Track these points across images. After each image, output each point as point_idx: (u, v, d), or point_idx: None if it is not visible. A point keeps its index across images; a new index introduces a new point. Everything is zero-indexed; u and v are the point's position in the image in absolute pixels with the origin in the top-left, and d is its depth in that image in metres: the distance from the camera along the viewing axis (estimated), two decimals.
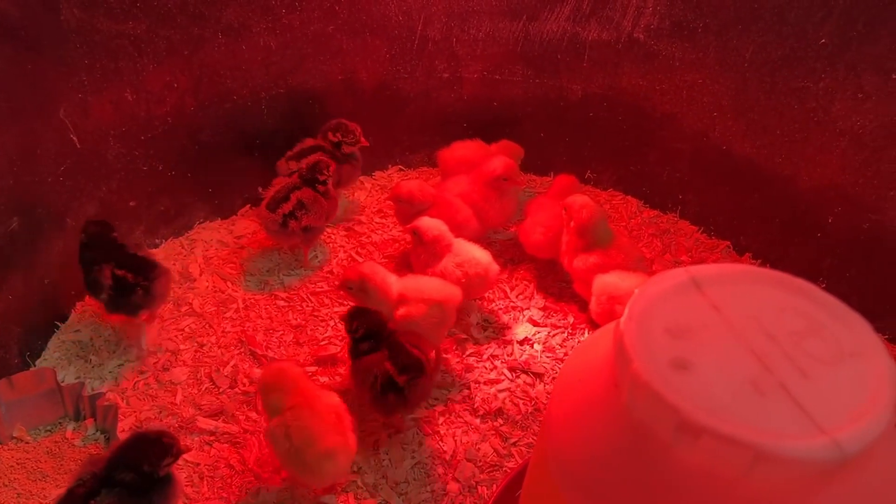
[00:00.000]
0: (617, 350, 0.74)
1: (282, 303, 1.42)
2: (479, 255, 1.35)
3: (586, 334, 1.37)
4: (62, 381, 1.15)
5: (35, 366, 1.26)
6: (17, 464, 1.09)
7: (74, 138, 1.28)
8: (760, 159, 1.51)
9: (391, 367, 1.12)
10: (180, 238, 1.55)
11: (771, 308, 0.77)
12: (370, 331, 1.15)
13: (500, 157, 1.48)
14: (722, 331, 0.75)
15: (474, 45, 1.64)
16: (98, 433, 1.15)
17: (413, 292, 1.24)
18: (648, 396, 0.68)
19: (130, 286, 1.22)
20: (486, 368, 1.31)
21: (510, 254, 1.56)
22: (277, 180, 1.48)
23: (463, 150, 1.61)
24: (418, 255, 1.37)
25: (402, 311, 1.23)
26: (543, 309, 1.43)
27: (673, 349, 0.73)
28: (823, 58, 1.36)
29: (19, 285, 1.22)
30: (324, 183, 1.45)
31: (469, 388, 1.27)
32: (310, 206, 1.43)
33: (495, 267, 1.36)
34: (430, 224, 1.35)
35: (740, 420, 0.66)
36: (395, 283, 1.26)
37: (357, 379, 1.16)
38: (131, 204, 1.43)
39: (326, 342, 1.35)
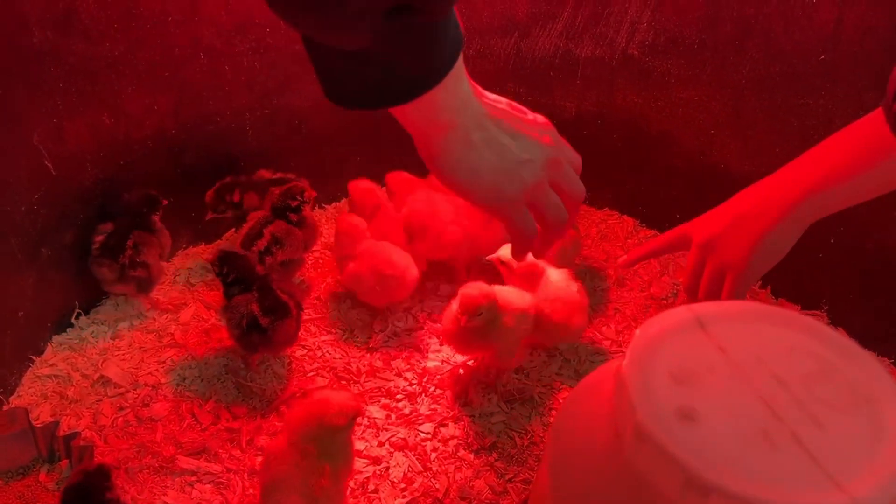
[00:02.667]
0: (618, 397, 0.70)
1: None
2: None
3: (583, 364, 1.33)
4: (36, 420, 1.10)
5: (9, 403, 1.21)
6: None
7: (49, 165, 1.23)
8: (759, 178, 1.47)
9: (256, 309, 1.19)
10: (162, 263, 1.49)
11: (779, 349, 0.73)
12: (240, 277, 1.23)
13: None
14: (729, 375, 0.71)
15: (465, 62, 1.60)
16: None
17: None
18: (653, 450, 0.64)
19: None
20: (480, 399, 1.26)
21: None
22: (252, 214, 1.43)
23: None
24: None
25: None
26: None
27: (678, 397, 0.68)
28: (823, 74, 1.32)
29: None
30: (297, 210, 1.40)
31: (462, 421, 1.22)
32: (284, 239, 1.37)
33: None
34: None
35: (752, 476, 0.61)
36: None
37: (226, 317, 1.22)
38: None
39: (314, 373, 1.30)
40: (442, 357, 1.33)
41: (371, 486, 1.12)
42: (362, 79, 0.78)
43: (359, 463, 1.14)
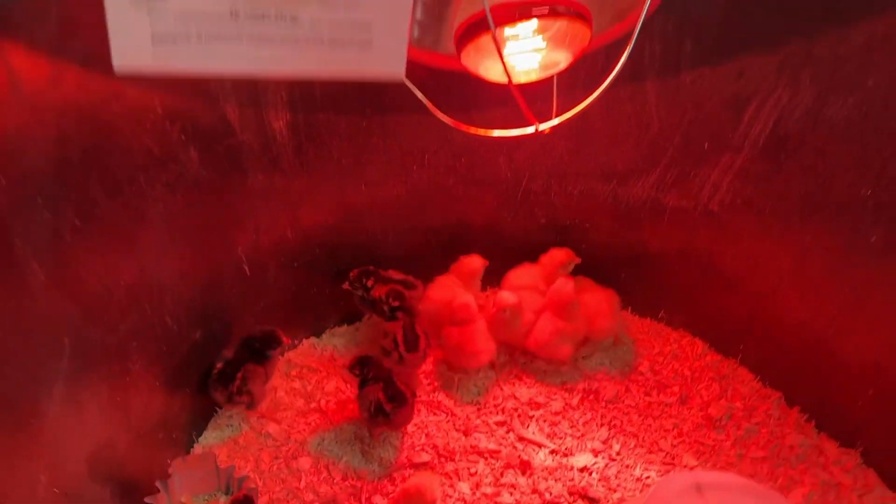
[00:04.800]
0: None
1: None
2: None
3: (637, 469, 1.61)
4: (219, 463, 1.51)
5: (198, 442, 1.63)
6: None
7: (246, 268, 1.66)
8: (814, 325, 1.71)
9: (382, 396, 1.55)
10: (314, 339, 1.90)
11: None
12: (376, 374, 1.60)
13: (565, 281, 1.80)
14: None
15: (569, 198, 1.93)
16: None
17: None
18: None
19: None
20: (549, 489, 1.57)
21: (585, 383, 1.82)
22: (389, 325, 1.75)
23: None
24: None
25: None
26: (605, 441, 1.68)
27: None
28: (875, 253, 1.55)
29: (194, 382, 1.60)
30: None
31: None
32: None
33: None
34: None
35: None
36: None
37: (360, 403, 1.61)
38: (279, 314, 1.79)
39: (421, 448, 1.65)
40: (522, 447, 1.65)
41: None
42: None
43: None
